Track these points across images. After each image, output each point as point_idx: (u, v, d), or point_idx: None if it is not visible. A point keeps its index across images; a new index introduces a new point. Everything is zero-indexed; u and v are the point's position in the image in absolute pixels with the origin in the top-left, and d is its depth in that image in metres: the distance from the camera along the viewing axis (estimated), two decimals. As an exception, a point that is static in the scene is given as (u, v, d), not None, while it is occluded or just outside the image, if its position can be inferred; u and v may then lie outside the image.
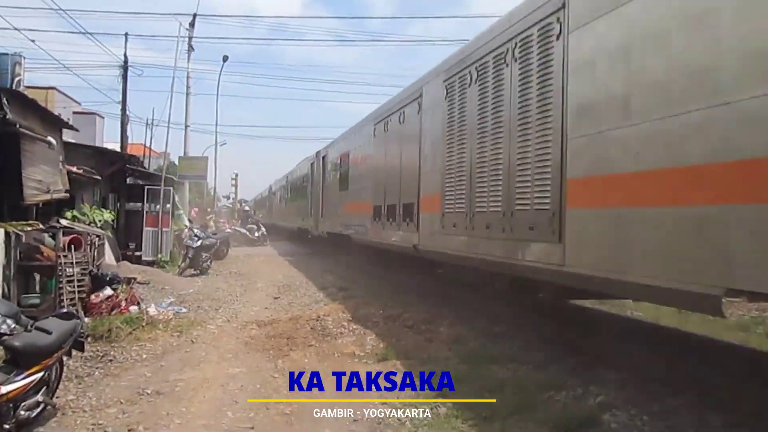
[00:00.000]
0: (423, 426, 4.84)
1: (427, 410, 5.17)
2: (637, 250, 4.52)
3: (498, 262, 6.89)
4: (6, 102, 8.91)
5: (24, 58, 13.13)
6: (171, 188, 18.81)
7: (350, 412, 5.27)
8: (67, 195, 11.54)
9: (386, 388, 5.92)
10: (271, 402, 5.62)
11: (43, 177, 10.31)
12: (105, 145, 24.36)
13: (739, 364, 5.69)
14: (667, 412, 4.84)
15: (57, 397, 5.41)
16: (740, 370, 5.50)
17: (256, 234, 30.60)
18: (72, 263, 9.24)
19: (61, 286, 8.94)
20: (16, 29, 22.35)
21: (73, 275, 9.18)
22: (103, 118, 32.91)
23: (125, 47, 26.25)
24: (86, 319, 8.40)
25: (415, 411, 5.16)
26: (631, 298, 6.65)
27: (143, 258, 16.89)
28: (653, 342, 6.52)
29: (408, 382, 6.09)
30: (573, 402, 5.22)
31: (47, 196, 10.33)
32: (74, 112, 27.38)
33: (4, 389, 4.38)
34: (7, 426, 4.43)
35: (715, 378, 5.23)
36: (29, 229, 9.25)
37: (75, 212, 12.51)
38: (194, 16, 25.41)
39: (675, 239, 4.17)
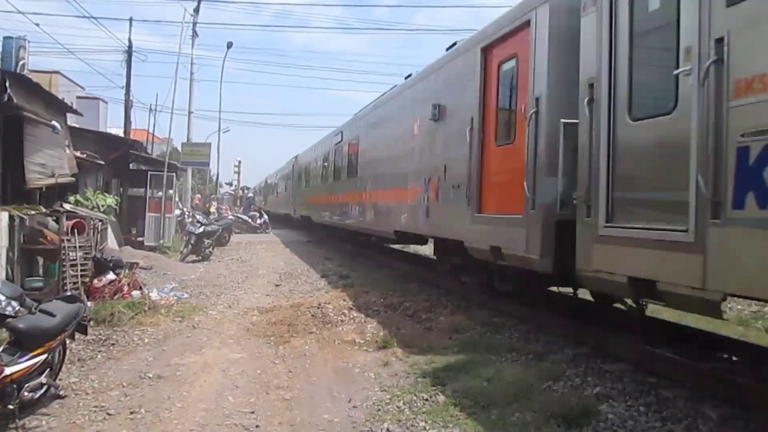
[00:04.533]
0: (422, 413, 4.88)
1: (427, 398, 5.22)
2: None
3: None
4: (10, 86, 8.92)
5: (28, 41, 13.11)
6: (174, 174, 18.84)
7: (350, 398, 5.34)
8: (73, 179, 11.58)
9: (386, 375, 5.98)
10: (271, 387, 5.68)
11: (46, 161, 10.33)
12: (108, 131, 24.38)
13: (736, 357, 5.75)
14: (663, 403, 4.88)
15: (60, 380, 5.48)
16: (738, 363, 5.56)
17: (259, 221, 30.64)
18: (75, 247, 9.29)
19: (64, 269, 8.99)
20: (20, 13, 22.30)
21: (76, 259, 9.23)
22: (106, 103, 32.98)
23: (129, 32, 26.21)
24: (89, 303, 8.46)
25: (413, 398, 5.22)
26: None
27: (146, 243, 16.98)
28: (651, 335, 6.56)
29: (407, 369, 6.15)
30: (571, 392, 5.25)
31: (51, 180, 10.36)
32: (78, 97, 27.40)
33: (8, 370, 4.43)
34: (10, 407, 4.49)
35: (711, 371, 5.26)
36: (33, 213, 9.31)
37: (78, 197, 12.56)
38: (199, 1, 25.35)
39: None
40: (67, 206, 10.74)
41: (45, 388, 5.00)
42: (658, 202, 4.77)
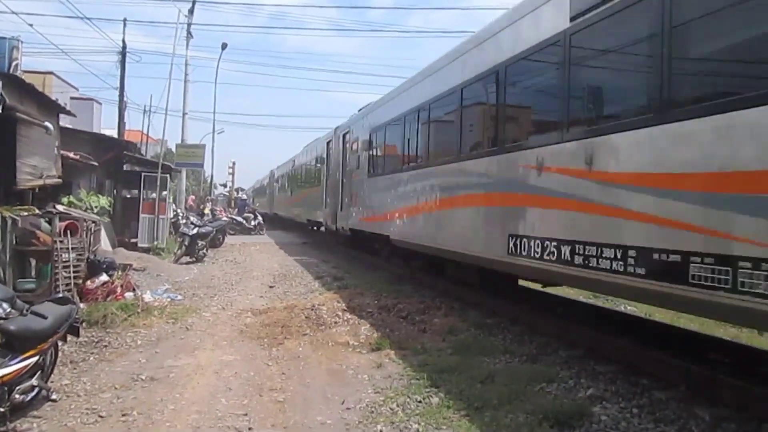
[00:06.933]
0: (415, 415, 4.88)
1: (420, 400, 5.22)
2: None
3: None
4: (3, 86, 8.86)
5: (22, 42, 12.99)
6: (167, 176, 18.79)
7: (343, 400, 5.33)
8: (60, 181, 11.53)
9: (379, 377, 5.98)
10: (264, 389, 5.67)
11: (37, 162, 10.28)
12: (102, 132, 24.31)
13: (729, 359, 5.77)
14: (656, 405, 4.89)
15: (52, 382, 5.44)
16: (730, 364, 5.58)
17: (253, 223, 30.59)
18: (68, 249, 9.25)
19: (56, 271, 8.95)
20: (14, 13, 22.16)
21: (68, 261, 9.19)
22: (100, 104, 32.79)
23: (124, 33, 26.25)
24: (81, 305, 8.43)
25: (407, 400, 5.21)
26: None
27: (139, 245, 16.93)
28: (644, 336, 6.59)
29: (401, 371, 6.15)
30: (564, 394, 5.27)
31: (40, 182, 10.31)
32: (72, 98, 27.26)
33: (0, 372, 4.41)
34: (1, 409, 4.46)
35: (704, 372, 5.28)
36: (25, 214, 9.25)
37: (71, 198, 12.52)
38: (193, 2, 25.23)
39: None
40: (60, 207, 10.69)
41: (36, 390, 4.96)
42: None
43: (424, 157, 10.12)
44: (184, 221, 19.04)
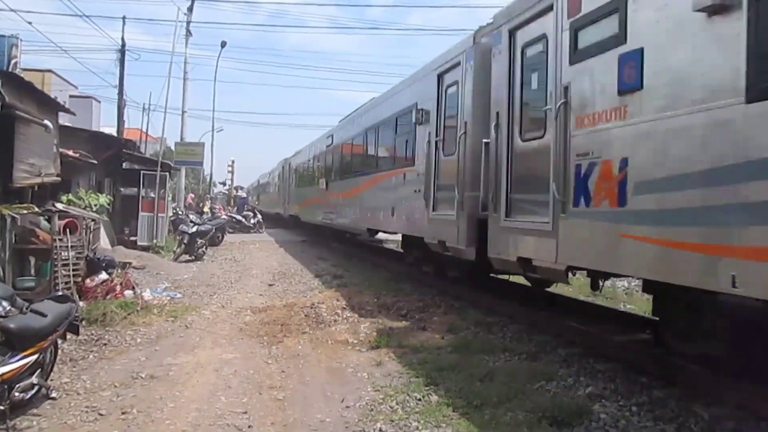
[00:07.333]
0: (414, 413, 4.88)
1: (419, 398, 5.22)
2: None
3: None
4: (2, 84, 8.85)
5: (21, 40, 13.02)
6: (167, 174, 18.79)
7: (343, 398, 5.33)
8: (59, 179, 11.52)
9: (379, 375, 5.98)
10: (264, 387, 5.67)
11: (35, 160, 10.26)
12: (101, 130, 24.29)
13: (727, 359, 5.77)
14: (655, 403, 4.90)
15: (51, 380, 5.45)
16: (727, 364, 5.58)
17: (252, 221, 30.59)
18: (67, 247, 9.24)
19: (56, 269, 8.95)
20: (13, 11, 22.05)
21: (68, 259, 9.19)
22: (99, 102, 32.81)
23: (123, 31, 26.18)
24: (81, 303, 8.43)
25: (406, 398, 5.22)
26: None
27: (138, 243, 16.93)
28: (645, 334, 6.59)
29: (400, 369, 6.16)
30: (563, 392, 5.27)
31: (38, 180, 10.29)
32: (71, 96, 27.28)
33: (-1, 370, 4.41)
34: (1, 407, 4.46)
35: (703, 371, 5.28)
36: (25, 212, 9.24)
37: (71, 196, 12.51)
38: (193, 0, 25.21)
39: None
40: (59, 205, 10.68)
41: (36, 388, 4.97)
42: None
43: None
44: (184, 219, 19.06)
